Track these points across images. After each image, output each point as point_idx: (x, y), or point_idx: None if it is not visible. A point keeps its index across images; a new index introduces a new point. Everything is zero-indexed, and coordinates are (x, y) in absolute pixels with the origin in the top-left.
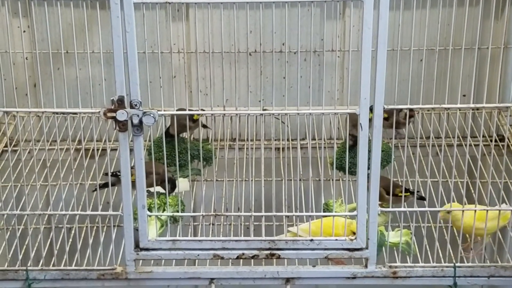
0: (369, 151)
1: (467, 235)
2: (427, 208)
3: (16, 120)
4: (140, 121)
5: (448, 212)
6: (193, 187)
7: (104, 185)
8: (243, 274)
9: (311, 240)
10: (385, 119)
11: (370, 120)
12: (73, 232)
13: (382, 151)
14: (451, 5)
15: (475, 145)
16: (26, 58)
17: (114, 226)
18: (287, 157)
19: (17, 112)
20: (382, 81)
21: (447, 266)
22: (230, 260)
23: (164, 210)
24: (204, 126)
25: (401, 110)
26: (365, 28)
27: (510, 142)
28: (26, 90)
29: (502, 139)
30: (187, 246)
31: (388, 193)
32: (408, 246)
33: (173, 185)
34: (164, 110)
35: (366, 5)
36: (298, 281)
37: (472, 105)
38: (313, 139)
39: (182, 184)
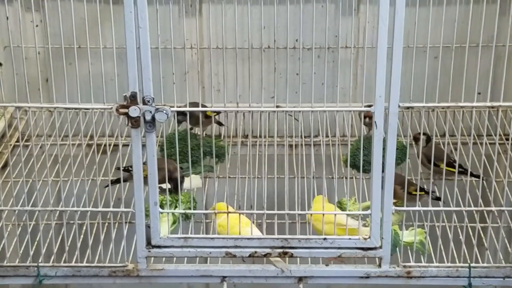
0: (383, 149)
1: None
2: (441, 208)
3: (28, 115)
4: (153, 118)
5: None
6: (206, 184)
7: (116, 181)
8: (256, 272)
9: (324, 238)
10: None
11: None
12: (84, 228)
13: (397, 149)
14: (468, 2)
15: (490, 144)
16: (39, 53)
17: (125, 222)
18: (300, 154)
19: (29, 107)
20: (397, 79)
21: (461, 266)
22: (243, 258)
23: (176, 207)
24: (219, 123)
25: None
26: (381, 25)
27: None
28: (38, 85)
29: None
30: (199, 243)
31: (402, 189)
32: (422, 246)
33: (175, 184)
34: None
35: (382, 1)
36: (310, 280)
37: (488, 104)
38: (327, 136)
39: (194, 180)
